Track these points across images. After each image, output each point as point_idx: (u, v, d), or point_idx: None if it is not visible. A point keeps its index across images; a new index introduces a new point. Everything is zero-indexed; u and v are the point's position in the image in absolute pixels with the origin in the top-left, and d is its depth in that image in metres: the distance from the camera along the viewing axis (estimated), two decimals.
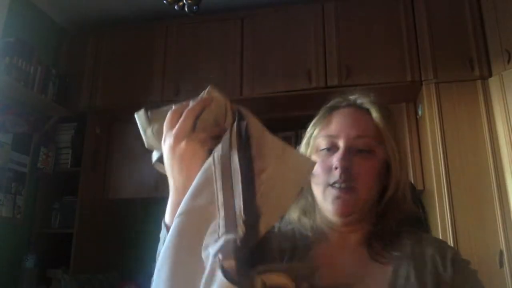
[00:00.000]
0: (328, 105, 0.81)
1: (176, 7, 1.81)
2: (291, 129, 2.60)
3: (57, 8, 3.00)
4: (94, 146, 2.88)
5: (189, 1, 1.78)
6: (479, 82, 2.34)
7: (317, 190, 0.76)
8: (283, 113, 2.80)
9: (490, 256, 2.06)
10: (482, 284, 0.72)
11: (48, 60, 2.92)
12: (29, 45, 2.66)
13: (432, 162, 2.28)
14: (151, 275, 0.59)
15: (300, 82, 2.62)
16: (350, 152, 0.74)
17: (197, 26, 2.91)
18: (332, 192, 0.73)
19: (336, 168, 0.73)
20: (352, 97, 0.81)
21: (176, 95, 2.80)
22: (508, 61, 2.26)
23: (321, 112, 0.82)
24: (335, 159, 0.73)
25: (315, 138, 0.79)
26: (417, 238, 0.75)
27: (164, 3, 1.80)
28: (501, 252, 2.07)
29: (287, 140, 0.88)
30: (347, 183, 0.72)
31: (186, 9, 1.80)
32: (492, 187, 2.16)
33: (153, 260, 0.68)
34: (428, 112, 2.36)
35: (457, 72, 2.40)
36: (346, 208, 0.73)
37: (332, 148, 0.75)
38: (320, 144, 0.77)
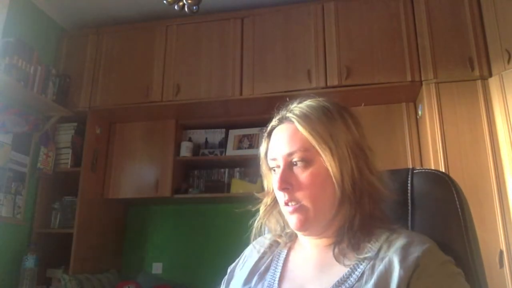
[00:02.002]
0: (268, 127, 0.85)
1: (176, 7, 1.81)
2: None
3: (57, 8, 3.01)
4: (94, 146, 2.88)
5: (189, 1, 1.78)
6: (479, 82, 2.34)
7: (281, 208, 0.81)
8: None
9: (490, 256, 2.06)
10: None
11: (48, 60, 2.93)
12: (29, 45, 2.66)
13: (432, 162, 2.28)
14: (150, 274, 0.60)
15: (300, 82, 2.62)
16: (289, 169, 0.77)
17: (197, 26, 2.92)
18: (287, 210, 0.77)
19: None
20: (283, 112, 0.83)
21: (176, 95, 2.80)
22: (508, 61, 2.26)
23: (264, 135, 0.86)
24: (275, 181, 0.77)
25: (266, 159, 0.85)
26: (388, 235, 0.74)
27: (164, 3, 1.81)
28: (501, 252, 2.07)
29: None
30: (295, 201, 0.76)
31: (186, 9, 1.80)
32: (492, 187, 2.16)
33: (152, 260, 0.69)
34: (428, 112, 2.37)
35: (457, 72, 2.40)
36: (302, 224, 0.76)
37: (277, 169, 0.79)
38: (270, 166, 0.82)
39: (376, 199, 0.77)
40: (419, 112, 2.53)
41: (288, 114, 0.81)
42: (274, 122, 0.84)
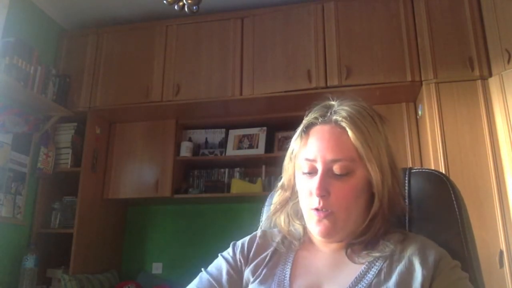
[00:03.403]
0: (306, 121, 0.81)
1: (176, 7, 1.81)
2: (291, 129, 2.60)
3: (57, 8, 3.01)
4: (94, 146, 2.88)
5: (189, 1, 1.78)
6: (479, 82, 2.34)
7: (303, 211, 0.79)
8: (283, 113, 2.81)
9: (490, 256, 2.06)
10: None
11: (48, 60, 2.93)
12: (29, 45, 2.66)
13: (432, 162, 2.28)
14: (150, 274, 0.61)
15: (300, 82, 2.62)
16: (328, 176, 0.74)
17: (197, 26, 2.92)
18: (314, 216, 0.75)
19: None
20: (328, 112, 0.79)
21: (176, 95, 2.80)
22: (508, 61, 2.26)
23: (299, 129, 0.81)
24: (313, 186, 0.74)
25: (296, 157, 0.80)
26: (400, 238, 0.76)
27: (164, 3, 1.81)
28: (501, 252, 2.07)
29: (286, 140, 0.87)
30: (327, 208, 0.74)
31: (186, 9, 1.80)
32: (492, 187, 2.16)
33: (152, 260, 0.69)
34: (428, 112, 2.37)
35: (457, 72, 2.40)
36: (327, 232, 0.75)
37: (312, 172, 0.76)
38: (302, 167, 0.78)
39: (396, 209, 0.78)
40: (419, 112, 2.53)
41: (337, 117, 0.76)
42: (313, 118, 0.79)
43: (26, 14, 2.82)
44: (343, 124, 0.75)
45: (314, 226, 0.76)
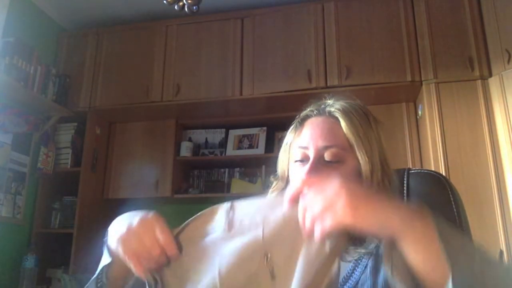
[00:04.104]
0: (301, 114, 0.84)
1: (176, 7, 1.81)
2: None
3: (57, 8, 3.01)
4: (94, 146, 2.88)
5: (189, 1, 1.78)
6: (479, 82, 2.34)
7: None
8: (283, 113, 2.80)
9: None
10: None
11: (48, 60, 2.93)
12: (29, 45, 2.66)
13: (432, 162, 2.28)
14: None
15: (300, 82, 2.62)
16: (320, 163, 0.75)
17: (197, 26, 2.92)
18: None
19: None
20: (323, 105, 0.82)
21: (176, 95, 2.80)
22: (508, 61, 2.26)
23: (295, 121, 0.85)
24: (303, 172, 0.75)
25: (290, 148, 0.83)
26: None
27: (164, 3, 1.81)
28: (501, 252, 2.07)
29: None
30: None
31: (186, 9, 1.80)
32: (492, 187, 2.16)
33: None
34: (428, 112, 2.37)
35: (457, 72, 2.40)
36: None
37: (304, 160, 0.78)
38: (295, 155, 0.80)
39: None
40: (419, 112, 2.53)
41: (331, 109, 0.80)
42: (308, 111, 0.83)
43: (26, 14, 2.82)
44: (336, 114, 0.78)
45: None
